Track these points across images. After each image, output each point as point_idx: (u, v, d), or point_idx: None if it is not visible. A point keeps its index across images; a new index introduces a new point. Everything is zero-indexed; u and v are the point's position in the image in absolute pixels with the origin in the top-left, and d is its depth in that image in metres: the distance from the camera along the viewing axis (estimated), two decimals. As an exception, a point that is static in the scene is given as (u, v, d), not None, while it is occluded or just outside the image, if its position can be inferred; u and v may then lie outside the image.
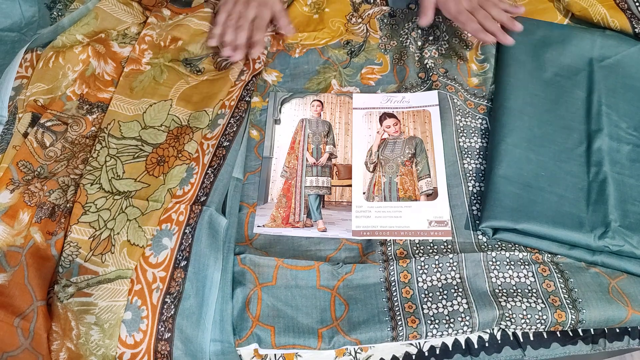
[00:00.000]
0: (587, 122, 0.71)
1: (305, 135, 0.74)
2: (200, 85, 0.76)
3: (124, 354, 0.57)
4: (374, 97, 0.77)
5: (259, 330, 0.58)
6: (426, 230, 0.66)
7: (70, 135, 0.71)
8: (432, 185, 0.69)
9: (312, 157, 0.73)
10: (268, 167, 0.72)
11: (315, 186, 0.70)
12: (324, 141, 0.74)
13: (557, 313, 0.59)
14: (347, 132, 0.75)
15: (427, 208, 0.67)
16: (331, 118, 0.76)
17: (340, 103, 0.77)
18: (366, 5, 0.87)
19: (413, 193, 0.69)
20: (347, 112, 0.76)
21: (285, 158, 0.73)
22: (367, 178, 0.71)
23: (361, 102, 0.76)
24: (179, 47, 0.80)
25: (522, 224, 0.62)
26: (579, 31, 0.78)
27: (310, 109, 0.76)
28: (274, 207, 0.69)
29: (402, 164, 0.71)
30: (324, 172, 0.72)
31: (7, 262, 0.60)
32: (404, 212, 0.68)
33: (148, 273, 0.60)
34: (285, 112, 0.76)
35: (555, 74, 0.75)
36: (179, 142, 0.70)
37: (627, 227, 0.62)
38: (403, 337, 0.58)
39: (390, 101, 0.75)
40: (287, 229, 0.68)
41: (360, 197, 0.69)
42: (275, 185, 0.71)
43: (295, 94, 0.77)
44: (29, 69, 0.75)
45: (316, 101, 0.77)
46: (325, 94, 0.77)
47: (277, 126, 0.75)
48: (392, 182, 0.70)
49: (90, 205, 0.64)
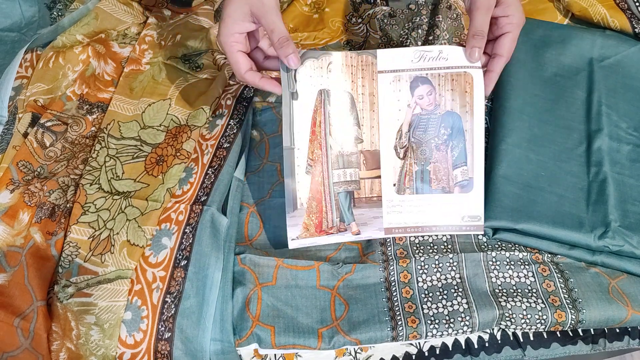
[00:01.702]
0: (587, 122, 0.71)
1: (326, 113, 0.61)
2: (198, 84, 0.76)
3: (124, 354, 0.57)
4: (403, 54, 0.60)
5: (259, 330, 0.58)
6: (459, 226, 0.62)
7: (70, 135, 0.71)
8: (468, 175, 0.61)
9: (338, 144, 0.62)
10: (291, 161, 0.61)
11: (344, 181, 0.62)
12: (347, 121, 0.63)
13: (557, 313, 0.59)
14: (373, 106, 0.62)
15: (461, 202, 0.62)
16: (353, 87, 0.61)
17: (362, 65, 0.61)
18: (366, 5, 0.87)
19: (447, 184, 0.62)
20: (370, 78, 0.61)
21: (307, 147, 0.61)
22: (397, 166, 0.62)
23: (388, 61, 0.60)
24: (178, 43, 0.80)
25: (522, 224, 0.62)
26: (579, 31, 0.78)
27: (328, 75, 0.61)
28: (305, 213, 0.62)
29: (437, 147, 0.61)
30: (350, 162, 0.62)
31: (7, 262, 0.60)
32: (437, 206, 0.62)
33: (148, 273, 0.60)
34: (301, 79, 0.60)
35: (555, 74, 0.75)
36: (177, 141, 0.70)
37: (627, 227, 0.62)
38: (403, 337, 0.58)
39: (424, 59, 0.60)
40: (321, 238, 0.62)
41: (390, 189, 0.62)
42: (302, 186, 0.61)
43: (307, 53, 0.60)
44: (29, 69, 0.75)
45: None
46: (343, 52, 0.62)
47: (295, 102, 0.60)
48: (425, 171, 0.62)
49: (89, 206, 0.64)
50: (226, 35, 0.57)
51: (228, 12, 0.57)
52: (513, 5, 0.58)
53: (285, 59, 0.57)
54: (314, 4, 0.87)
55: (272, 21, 0.56)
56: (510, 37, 0.59)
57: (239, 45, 0.58)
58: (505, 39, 0.59)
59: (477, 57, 0.59)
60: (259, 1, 0.56)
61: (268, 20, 0.56)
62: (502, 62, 0.60)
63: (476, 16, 0.58)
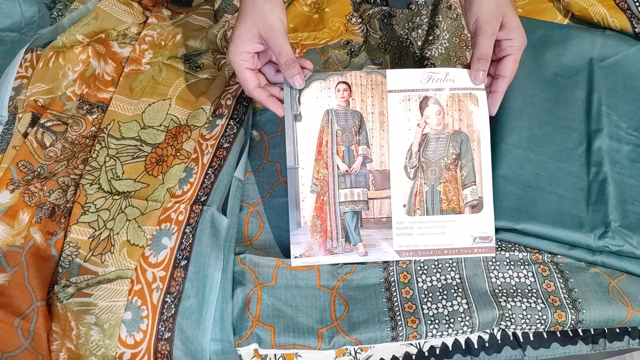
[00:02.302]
0: (587, 122, 0.71)
1: (334, 133, 0.62)
2: (198, 84, 0.76)
3: (124, 354, 0.57)
4: (412, 75, 0.62)
5: (259, 330, 0.58)
6: (470, 248, 0.62)
7: (70, 135, 0.71)
8: (478, 195, 0.61)
9: (344, 164, 0.62)
10: (295, 180, 0.61)
11: (351, 201, 0.61)
12: (355, 140, 0.62)
13: (557, 313, 0.59)
14: (382, 125, 0.62)
15: (472, 222, 0.61)
16: (362, 106, 0.62)
17: (372, 85, 0.62)
18: (366, 5, 0.87)
19: (457, 204, 0.61)
20: (380, 97, 0.62)
21: (312, 167, 0.62)
22: (407, 187, 0.62)
23: (397, 81, 0.62)
24: (178, 43, 0.80)
25: (522, 224, 0.62)
26: (579, 31, 0.78)
27: (336, 95, 0.62)
28: (309, 232, 0.62)
29: (446, 167, 0.62)
30: (359, 181, 0.61)
31: (7, 262, 0.60)
32: (448, 227, 0.61)
33: (148, 273, 0.60)
34: (306, 102, 0.62)
35: (555, 74, 0.75)
36: (177, 141, 0.70)
37: (627, 227, 0.62)
38: (403, 337, 0.58)
39: (432, 80, 0.61)
40: (326, 257, 0.62)
41: (400, 210, 0.61)
42: (306, 205, 0.61)
43: (314, 75, 0.62)
44: (29, 69, 0.75)
45: (342, 84, 0.62)
46: (352, 72, 0.63)
47: (299, 124, 0.62)
48: (435, 192, 0.61)
49: (89, 206, 0.64)
50: (235, 54, 0.60)
51: (238, 33, 0.60)
52: (516, 29, 0.60)
53: (291, 80, 0.60)
54: (314, 4, 0.87)
55: (280, 44, 0.59)
56: (513, 59, 0.61)
57: (247, 63, 0.61)
58: (507, 60, 0.61)
59: (482, 79, 0.61)
60: (268, 25, 0.59)
61: (276, 43, 0.59)
62: (505, 82, 0.62)
63: (481, 40, 0.60)
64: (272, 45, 0.60)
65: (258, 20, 0.59)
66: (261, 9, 0.59)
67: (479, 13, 0.60)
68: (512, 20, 0.60)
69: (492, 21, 0.60)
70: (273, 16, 0.59)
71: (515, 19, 0.61)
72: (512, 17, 0.61)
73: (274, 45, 0.60)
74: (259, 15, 0.59)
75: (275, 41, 0.59)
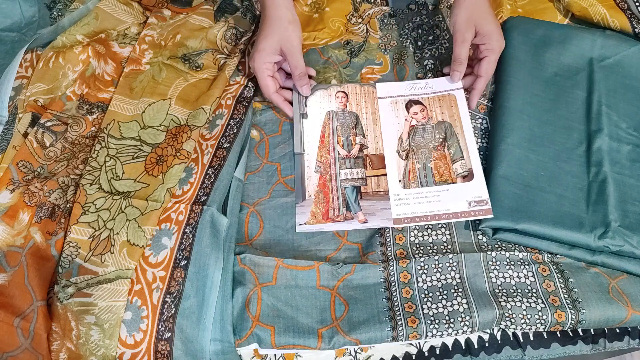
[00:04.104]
0: (587, 122, 0.71)
1: (334, 127, 0.74)
2: (198, 84, 0.76)
3: (124, 354, 0.57)
4: (398, 86, 0.76)
5: (259, 330, 0.58)
6: (467, 211, 0.65)
7: (70, 135, 0.71)
8: (467, 167, 0.68)
9: (344, 150, 0.72)
10: (301, 163, 0.72)
11: (351, 178, 0.70)
12: (353, 132, 0.74)
13: (557, 313, 0.59)
14: (375, 121, 0.74)
15: (465, 189, 0.67)
16: (357, 109, 0.75)
17: (365, 93, 0.77)
18: (366, 5, 0.87)
19: (449, 176, 0.68)
20: (372, 102, 0.75)
21: (316, 153, 0.73)
22: (401, 166, 0.70)
23: (385, 91, 0.76)
24: (178, 43, 0.80)
25: (522, 224, 0.62)
26: (579, 31, 0.78)
27: (336, 101, 0.76)
28: (313, 203, 0.69)
29: (435, 148, 0.70)
30: (357, 163, 0.71)
31: (7, 262, 0.60)
32: (442, 195, 0.67)
33: (148, 273, 0.60)
34: (311, 105, 0.76)
35: (555, 74, 0.75)
36: (177, 141, 0.70)
37: (627, 227, 0.62)
38: (403, 337, 0.58)
39: (414, 88, 0.75)
40: (328, 224, 0.67)
41: (396, 185, 0.69)
42: (311, 182, 0.71)
43: (317, 86, 0.77)
44: (29, 69, 0.75)
45: (340, 92, 0.77)
46: (348, 84, 0.78)
47: (305, 121, 0.74)
48: (427, 167, 0.69)
49: (89, 206, 0.64)
50: (260, 63, 0.72)
51: (264, 45, 0.71)
52: (488, 35, 0.71)
53: (300, 89, 0.75)
54: (314, 4, 0.87)
55: (297, 59, 0.73)
56: (487, 61, 0.71)
57: (269, 71, 0.73)
58: (483, 62, 0.72)
59: (457, 79, 0.73)
60: (290, 43, 0.72)
61: (294, 58, 0.73)
62: (482, 81, 0.72)
63: (455, 46, 0.72)
64: (290, 59, 0.73)
65: (282, 37, 0.71)
66: (285, 29, 0.72)
67: (454, 23, 0.72)
68: (485, 28, 0.70)
69: (463, 30, 0.71)
70: (295, 36, 0.72)
71: (489, 26, 0.70)
72: (485, 25, 0.70)
73: (292, 60, 0.72)
74: (284, 33, 0.72)
75: (294, 57, 0.72)
